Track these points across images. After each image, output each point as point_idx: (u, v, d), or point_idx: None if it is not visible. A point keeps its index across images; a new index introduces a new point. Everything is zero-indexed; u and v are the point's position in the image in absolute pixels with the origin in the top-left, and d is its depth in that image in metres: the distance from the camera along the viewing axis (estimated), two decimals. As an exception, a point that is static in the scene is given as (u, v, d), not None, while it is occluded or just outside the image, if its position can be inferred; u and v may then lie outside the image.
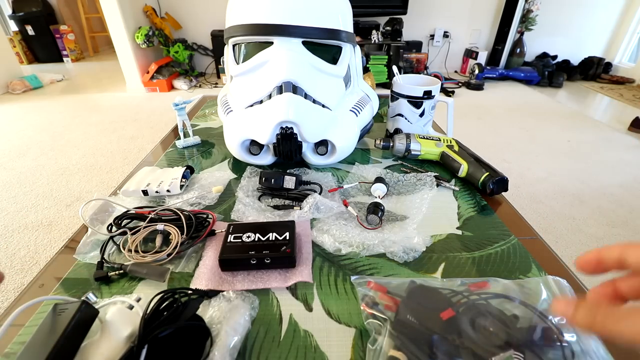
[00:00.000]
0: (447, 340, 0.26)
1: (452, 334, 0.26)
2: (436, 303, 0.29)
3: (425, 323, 0.27)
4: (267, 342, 0.32)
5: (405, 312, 0.29)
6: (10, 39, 3.58)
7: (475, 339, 0.25)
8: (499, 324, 0.26)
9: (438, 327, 0.27)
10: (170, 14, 3.14)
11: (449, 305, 0.28)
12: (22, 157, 1.91)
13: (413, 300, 0.30)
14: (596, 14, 3.27)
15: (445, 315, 0.27)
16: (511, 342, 0.25)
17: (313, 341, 0.32)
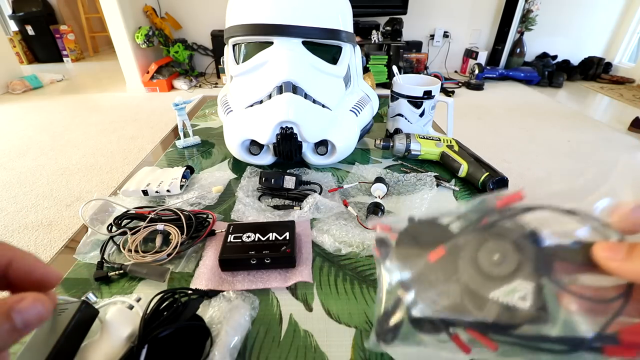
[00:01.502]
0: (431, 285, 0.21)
1: (443, 276, 0.21)
2: (431, 239, 0.22)
3: (411, 267, 0.22)
4: (267, 342, 0.32)
5: (393, 258, 0.24)
6: (10, 39, 3.58)
7: (473, 275, 0.19)
8: (509, 247, 0.19)
9: (425, 271, 0.22)
10: (170, 14, 3.14)
11: (444, 240, 0.21)
12: (22, 157, 1.91)
13: (405, 241, 0.24)
14: (596, 14, 3.27)
15: (434, 256, 0.21)
16: (524, 269, 0.18)
17: (313, 341, 0.32)
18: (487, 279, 0.19)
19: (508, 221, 0.20)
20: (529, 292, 0.18)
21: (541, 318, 0.18)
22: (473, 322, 0.19)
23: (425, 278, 0.21)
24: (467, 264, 0.20)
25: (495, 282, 0.19)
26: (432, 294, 0.21)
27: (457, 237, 0.21)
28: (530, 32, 3.25)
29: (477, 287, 0.19)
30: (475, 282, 0.19)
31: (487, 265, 0.19)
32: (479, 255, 0.20)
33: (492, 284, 0.19)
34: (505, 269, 0.19)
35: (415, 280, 0.22)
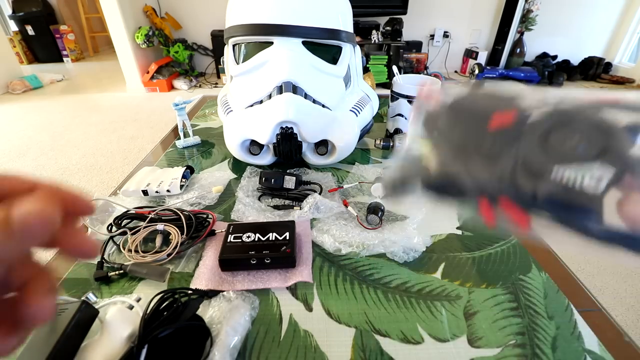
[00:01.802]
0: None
1: (499, 144, 0.17)
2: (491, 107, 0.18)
3: (462, 133, 0.18)
4: (267, 342, 0.32)
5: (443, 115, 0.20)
6: (10, 39, 3.58)
7: (540, 150, 0.16)
8: (595, 132, 0.16)
9: (478, 139, 0.18)
10: (170, 14, 3.14)
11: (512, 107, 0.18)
12: (22, 157, 1.91)
13: (460, 103, 0.20)
14: (596, 14, 3.27)
15: (497, 121, 0.17)
16: (609, 154, 0.15)
17: (313, 341, 0.32)
18: (554, 157, 0.16)
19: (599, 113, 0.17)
20: (606, 177, 0.14)
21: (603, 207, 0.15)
22: (515, 192, 0.16)
23: (477, 144, 0.18)
24: (533, 140, 0.17)
25: (564, 159, 0.16)
26: (478, 160, 0.18)
27: (531, 113, 0.17)
28: (530, 32, 3.25)
29: (538, 162, 0.16)
30: (538, 158, 0.16)
31: (559, 145, 0.16)
32: (552, 132, 0.16)
33: (560, 160, 0.16)
34: (583, 151, 0.15)
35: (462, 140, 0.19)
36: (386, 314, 0.35)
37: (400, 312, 0.35)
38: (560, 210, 0.16)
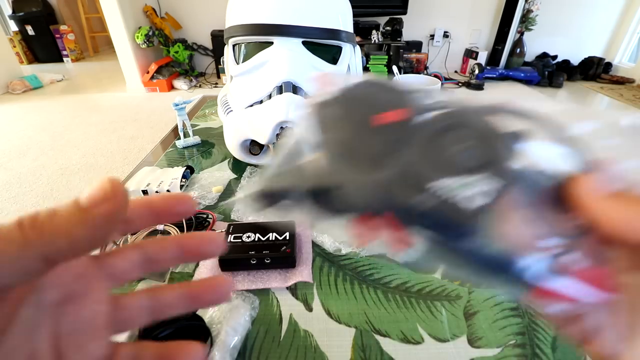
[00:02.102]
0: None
1: (384, 147, 0.16)
2: (382, 103, 0.17)
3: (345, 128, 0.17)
4: (267, 342, 0.32)
5: (329, 108, 0.18)
6: (10, 39, 3.58)
7: (424, 158, 0.15)
8: (483, 139, 0.15)
9: (363, 135, 0.16)
10: (170, 14, 3.14)
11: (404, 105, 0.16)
12: (22, 157, 1.91)
13: (347, 97, 0.18)
14: (596, 14, 3.27)
15: (381, 119, 0.16)
16: (492, 166, 0.14)
17: (313, 341, 0.32)
18: (437, 166, 0.15)
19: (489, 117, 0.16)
20: (487, 191, 0.14)
21: (482, 225, 0.14)
22: (399, 208, 0.15)
23: (358, 144, 0.16)
24: (420, 143, 0.15)
25: (450, 169, 0.15)
26: (358, 165, 0.16)
27: (424, 109, 0.16)
28: (530, 32, 3.25)
29: (421, 171, 0.15)
30: (421, 166, 0.15)
31: (447, 150, 0.15)
32: (440, 138, 0.15)
33: (443, 173, 0.15)
34: (469, 159, 0.15)
35: (343, 144, 0.16)
36: (386, 314, 0.35)
37: (400, 312, 0.35)
38: (436, 229, 0.15)
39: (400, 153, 0.15)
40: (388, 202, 0.15)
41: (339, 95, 0.17)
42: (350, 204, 0.16)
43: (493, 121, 0.16)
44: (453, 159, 0.15)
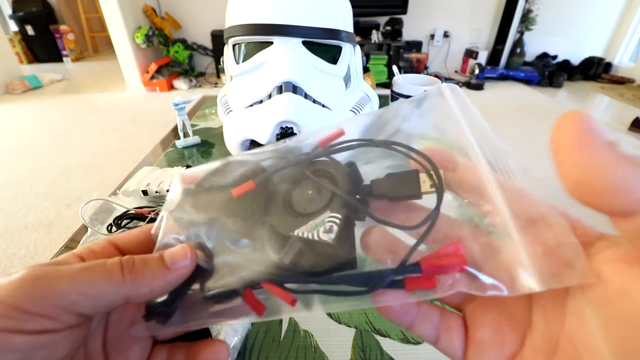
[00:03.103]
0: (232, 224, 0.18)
1: (250, 216, 0.17)
2: (240, 178, 0.19)
3: (212, 207, 0.18)
4: (267, 342, 0.32)
5: (194, 195, 0.21)
6: (10, 39, 3.58)
7: (284, 214, 0.17)
8: (325, 181, 0.17)
9: (227, 209, 0.18)
10: (170, 13, 3.14)
11: (254, 176, 0.18)
12: (22, 157, 1.91)
13: (209, 181, 0.20)
14: (596, 14, 3.27)
15: (237, 191, 0.17)
16: (333, 200, 0.16)
17: (313, 341, 0.32)
18: (295, 217, 0.16)
19: (327, 158, 0.18)
20: (335, 223, 0.15)
21: (346, 256, 0.15)
22: (270, 272, 0.16)
23: (225, 225, 0.18)
24: (277, 203, 0.17)
25: (303, 219, 0.16)
26: (231, 243, 0.17)
27: (269, 172, 0.18)
28: (531, 32, 3.25)
29: (283, 227, 0.16)
30: (283, 223, 0.16)
31: (298, 203, 0.17)
32: (291, 193, 0.17)
33: (300, 222, 0.16)
34: (316, 204, 0.16)
35: (213, 228, 0.18)
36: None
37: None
38: (309, 277, 0.16)
39: (265, 218, 0.17)
40: (265, 269, 0.16)
41: (203, 183, 0.20)
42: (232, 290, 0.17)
43: (333, 163, 0.18)
44: (304, 209, 0.17)
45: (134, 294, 0.15)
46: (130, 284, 0.14)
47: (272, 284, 0.16)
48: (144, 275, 0.15)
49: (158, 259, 0.15)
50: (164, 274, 0.15)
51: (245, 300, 0.16)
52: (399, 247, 0.17)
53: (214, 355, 0.17)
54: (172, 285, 0.16)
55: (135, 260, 0.15)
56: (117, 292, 0.14)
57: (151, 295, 0.15)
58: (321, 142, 0.18)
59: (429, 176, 0.16)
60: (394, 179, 0.17)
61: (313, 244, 0.15)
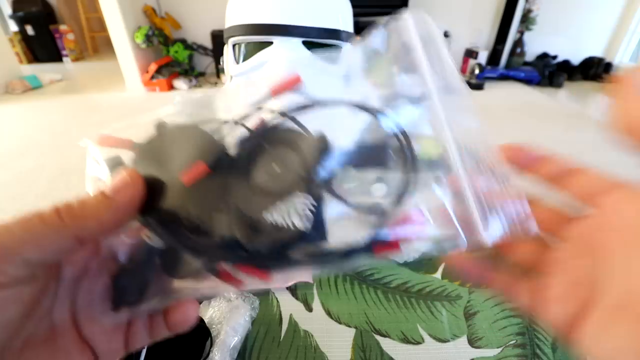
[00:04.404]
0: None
1: (207, 203, 0.16)
2: (189, 153, 0.16)
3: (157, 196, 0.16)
4: (267, 342, 0.32)
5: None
6: (10, 39, 3.58)
7: (249, 193, 0.15)
8: (293, 155, 0.16)
9: (179, 196, 0.16)
10: (170, 13, 3.14)
11: (208, 153, 0.16)
12: (22, 157, 1.91)
13: (149, 159, 0.17)
14: (596, 14, 3.27)
15: (189, 177, 0.15)
16: (304, 180, 0.15)
17: (313, 341, 0.32)
18: (263, 197, 0.15)
19: (288, 124, 0.17)
20: (307, 206, 0.15)
21: (318, 236, 0.16)
22: (243, 256, 0.16)
23: (180, 208, 0.16)
24: (239, 180, 0.16)
25: (272, 199, 0.15)
26: (190, 228, 0.16)
27: (224, 147, 0.16)
28: (531, 32, 3.25)
29: (250, 209, 0.15)
30: (250, 204, 0.15)
31: (264, 180, 0.16)
32: (254, 167, 0.16)
33: (269, 202, 0.15)
34: (285, 183, 0.15)
35: (165, 212, 0.16)
36: (386, 314, 0.35)
37: (400, 312, 0.35)
38: (285, 256, 0.16)
39: (227, 200, 0.16)
40: (234, 251, 0.16)
41: (138, 156, 0.17)
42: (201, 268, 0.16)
43: (298, 133, 0.17)
44: (268, 186, 0.16)
45: (84, 232, 0.14)
46: (72, 223, 0.14)
47: (247, 266, 0.16)
48: (85, 212, 0.15)
49: (97, 194, 0.15)
50: (109, 202, 0.15)
51: (221, 278, 0.17)
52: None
53: (183, 314, 0.17)
54: (123, 213, 0.15)
55: (73, 203, 0.15)
56: (59, 233, 0.14)
57: (102, 228, 0.15)
58: (274, 90, 0.18)
59: (399, 146, 0.17)
60: (363, 149, 0.18)
61: (285, 228, 0.15)
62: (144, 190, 0.16)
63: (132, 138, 0.17)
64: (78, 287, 0.16)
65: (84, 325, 0.16)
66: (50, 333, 0.15)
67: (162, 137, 0.17)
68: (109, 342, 0.17)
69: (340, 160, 0.17)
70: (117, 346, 0.17)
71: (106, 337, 0.16)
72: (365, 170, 0.18)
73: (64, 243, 0.14)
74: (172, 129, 0.17)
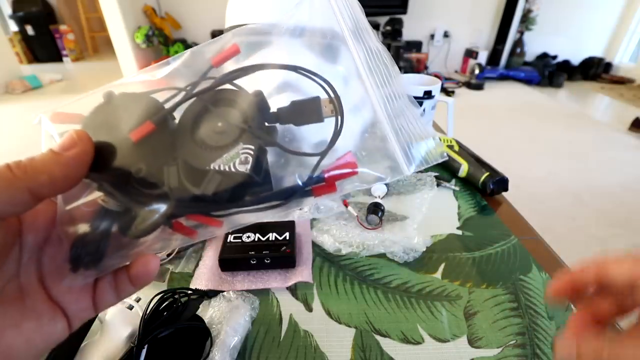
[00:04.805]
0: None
1: (155, 159, 0.17)
2: (137, 117, 0.17)
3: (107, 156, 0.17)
4: (267, 342, 0.32)
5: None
6: (10, 39, 3.58)
7: (195, 148, 0.17)
8: (233, 112, 0.17)
9: (129, 155, 0.17)
10: (170, 13, 3.14)
11: (152, 115, 0.17)
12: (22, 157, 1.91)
13: (98, 124, 0.18)
14: (596, 13, 3.27)
15: (137, 134, 0.17)
16: (245, 132, 0.17)
17: (313, 341, 0.32)
18: (209, 150, 0.17)
19: (228, 85, 0.19)
20: (249, 155, 0.17)
21: (263, 182, 0.17)
22: (193, 206, 0.17)
23: (132, 165, 0.17)
24: (185, 138, 0.17)
25: (217, 152, 0.17)
26: (141, 184, 0.17)
27: (169, 108, 0.18)
28: (531, 32, 3.25)
29: (197, 161, 0.17)
30: (196, 157, 0.17)
31: (208, 136, 0.17)
32: (199, 125, 0.17)
33: (215, 154, 0.17)
34: (228, 136, 0.17)
35: (116, 169, 0.17)
36: (386, 314, 0.35)
37: (400, 312, 0.35)
38: (231, 203, 0.17)
39: (175, 155, 0.17)
40: (182, 205, 0.17)
41: (86, 122, 0.18)
42: (156, 222, 0.17)
43: (238, 91, 0.18)
44: (216, 142, 0.17)
45: (36, 185, 0.15)
46: (23, 175, 0.14)
47: (198, 215, 0.17)
48: (35, 166, 0.15)
49: (46, 151, 0.16)
50: (57, 158, 0.15)
51: (175, 230, 0.18)
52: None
53: (144, 267, 0.17)
54: (74, 168, 0.15)
55: (22, 159, 0.15)
56: (12, 186, 0.14)
57: (55, 182, 0.15)
58: (215, 61, 0.19)
59: (330, 101, 0.19)
60: (297, 106, 0.19)
61: (231, 175, 0.16)
62: (92, 147, 0.16)
63: (84, 113, 0.18)
64: (42, 253, 0.17)
65: (51, 287, 0.17)
66: (18, 294, 0.16)
67: (110, 104, 0.18)
68: (78, 301, 0.17)
69: (277, 115, 0.19)
70: (85, 305, 0.17)
71: (74, 297, 0.17)
72: (301, 124, 0.20)
73: (18, 196, 0.14)
74: (120, 96, 0.18)
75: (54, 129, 0.19)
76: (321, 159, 0.18)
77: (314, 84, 0.20)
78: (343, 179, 0.18)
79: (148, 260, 0.18)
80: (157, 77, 0.19)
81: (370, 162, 0.19)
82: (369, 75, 0.19)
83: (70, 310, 0.17)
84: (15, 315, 0.16)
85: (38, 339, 0.16)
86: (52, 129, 0.19)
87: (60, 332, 0.17)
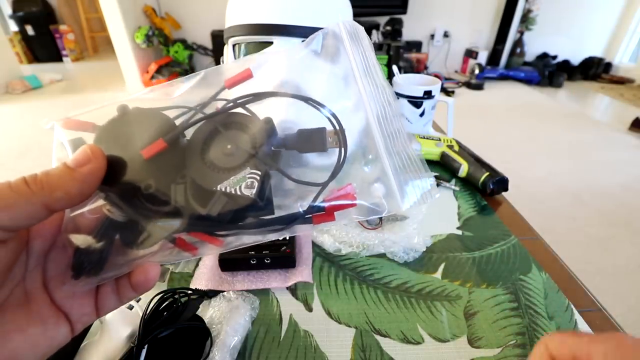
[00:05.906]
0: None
1: (165, 176, 0.17)
2: (149, 134, 0.18)
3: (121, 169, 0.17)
4: (267, 342, 0.32)
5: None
6: (10, 39, 3.58)
7: (204, 168, 0.17)
8: (243, 136, 0.18)
9: (139, 171, 0.17)
10: (170, 13, 3.14)
11: (164, 133, 0.17)
12: (22, 157, 1.91)
13: (111, 138, 0.18)
14: (596, 14, 3.27)
15: (149, 152, 0.17)
16: (253, 157, 0.17)
17: (313, 341, 0.32)
18: (217, 172, 0.17)
19: (240, 109, 0.19)
20: (255, 180, 0.17)
21: (265, 206, 0.18)
22: (197, 224, 0.18)
23: (142, 181, 0.17)
24: (195, 157, 0.18)
25: (224, 173, 0.17)
26: (149, 200, 0.17)
27: (182, 127, 0.18)
28: (531, 32, 3.25)
29: (205, 182, 0.17)
30: (204, 177, 0.17)
31: (217, 157, 0.18)
32: (209, 146, 0.18)
33: (222, 176, 0.17)
34: (236, 159, 0.18)
35: (126, 184, 0.17)
36: (386, 314, 0.35)
37: (400, 312, 0.35)
38: (234, 224, 0.18)
39: (183, 173, 0.18)
40: (186, 222, 0.17)
41: (99, 136, 0.18)
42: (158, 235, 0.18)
43: (248, 116, 0.19)
44: (224, 164, 0.18)
45: (51, 200, 0.15)
46: (39, 191, 0.15)
47: (201, 233, 0.18)
48: (51, 181, 0.15)
49: (61, 165, 0.16)
50: (72, 174, 0.16)
51: (177, 245, 0.18)
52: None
53: (145, 275, 0.18)
54: (88, 184, 0.16)
55: (38, 173, 0.16)
56: (29, 202, 0.15)
57: (70, 197, 0.16)
58: (228, 83, 0.19)
59: (335, 133, 0.20)
60: (304, 135, 0.20)
61: (237, 198, 0.17)
62: (105, 163, 0.17)
63: (96, 122, 0.19)
64: (47, 259, 0.18)
65: (55, 292, 0.17)
66: (24, 299, 0.16)
67: (124, 118, 0.19)
68: (80, 306, 0.18)
69: (284, 141, 0.20)
70: (88, 310, 0.18)
71: (77, 302, 0.18)
72: (306, 152, 0.20)
73: (34, 210, 0.15)
74: (134, 111, 0.19)
75: (64, 135, 0.19)
76: (322, 189, 0.19)
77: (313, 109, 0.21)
78: (342, 210, 0.19)
79: (148, 269, 0.18)
80: (172, 95, 0.20)
81: (367, 195, 0.20)
82: (374, 115, 0.20)
83: (73, 314, 0.17)
84: (21, 320, 0.16)
85: (42, 343, 0.16)
86: (62, 136, 0.19)
87: (63, 336, 0.17)
